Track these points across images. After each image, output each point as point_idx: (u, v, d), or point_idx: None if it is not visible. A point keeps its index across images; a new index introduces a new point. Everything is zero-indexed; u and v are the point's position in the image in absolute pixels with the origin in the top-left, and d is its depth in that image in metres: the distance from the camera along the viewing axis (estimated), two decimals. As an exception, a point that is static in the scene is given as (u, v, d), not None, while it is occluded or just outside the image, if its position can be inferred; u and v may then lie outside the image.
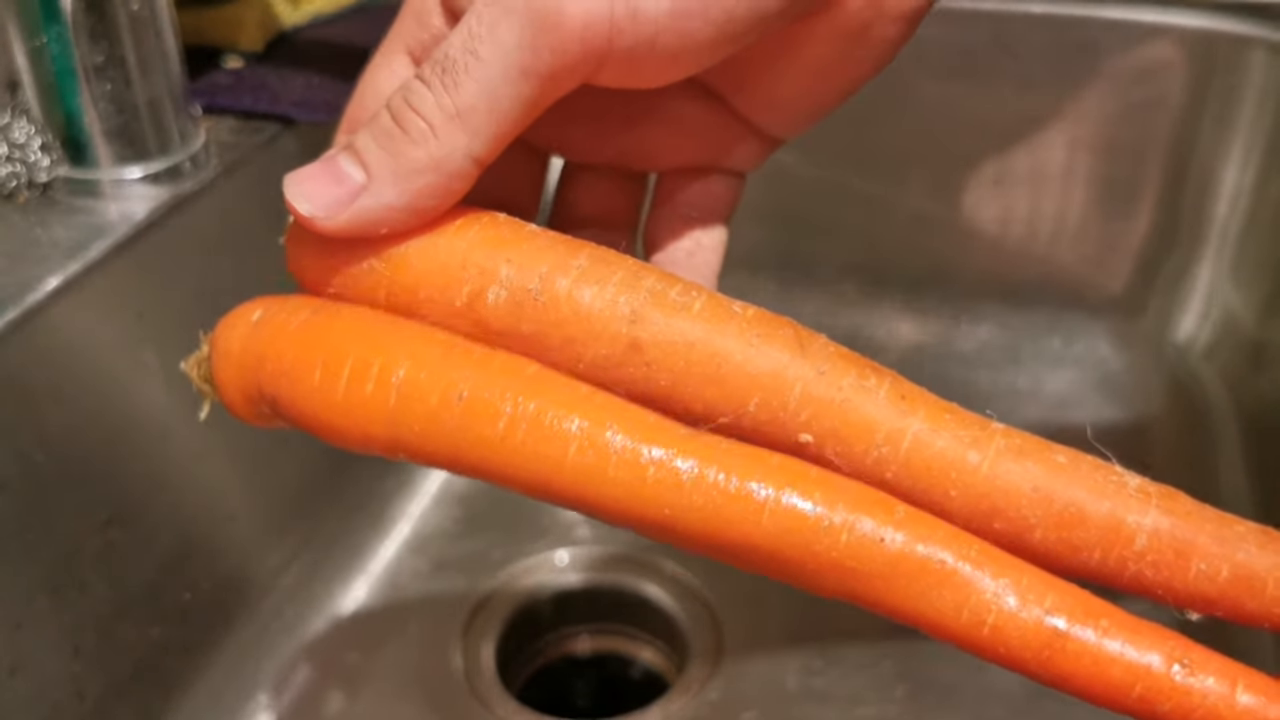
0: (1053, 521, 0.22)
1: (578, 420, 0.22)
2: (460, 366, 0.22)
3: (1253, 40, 0.57)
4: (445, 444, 0.22)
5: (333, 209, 0.23)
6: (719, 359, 0.22)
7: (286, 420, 0.24)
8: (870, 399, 0.22)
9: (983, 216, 0.63)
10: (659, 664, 0.50)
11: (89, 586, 0.37)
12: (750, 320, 0.22)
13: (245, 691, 0.45)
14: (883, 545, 0.21)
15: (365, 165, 0.23)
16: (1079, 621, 0.21)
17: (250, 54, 0.48)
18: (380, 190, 0.23)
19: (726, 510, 0.21)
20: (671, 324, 0.22)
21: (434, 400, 0.22)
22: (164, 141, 0.40)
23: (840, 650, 0.47)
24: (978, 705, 0.44)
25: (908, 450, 0.22)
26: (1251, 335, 0.58)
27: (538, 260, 0.23)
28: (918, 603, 0.21)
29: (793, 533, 0.21)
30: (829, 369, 0.22)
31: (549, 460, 0.22)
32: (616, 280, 0.22)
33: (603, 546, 0.52)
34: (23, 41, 0.38)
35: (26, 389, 0.35)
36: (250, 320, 0.25)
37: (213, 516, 0.43)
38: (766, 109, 0.28)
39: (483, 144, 0.22)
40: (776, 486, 0.21)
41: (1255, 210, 0.59)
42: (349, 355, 0.23)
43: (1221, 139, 0.59)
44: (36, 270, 0.36)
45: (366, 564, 0.51)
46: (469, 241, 0.23)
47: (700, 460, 0.21)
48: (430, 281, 0.23)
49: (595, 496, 0.22)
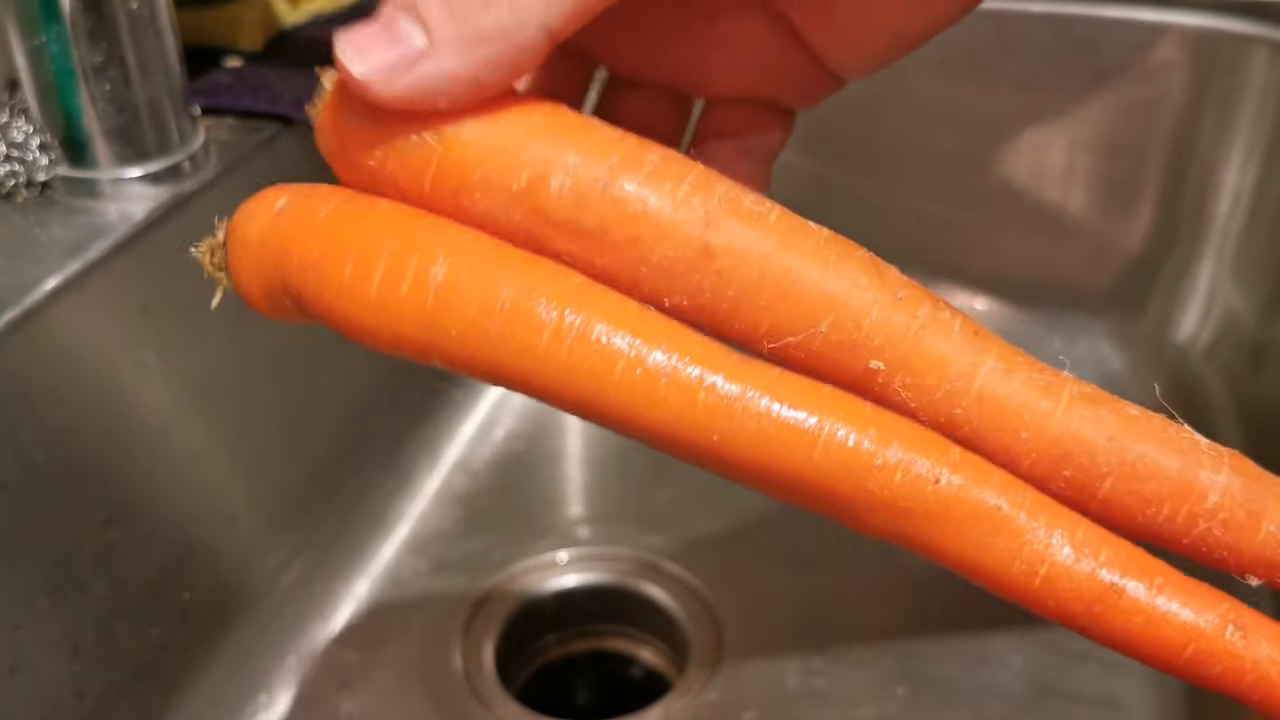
0: (1125, 472, 0.21)
1: (628, 337, 0.20)
2: (504, 269, 0.21)
3: (1254, 39, 0.57)
4: (484, 352, 0.21)
5: (389, 73, 0.21)
6: (793, 274, 0.21)
7: (311, 317, 0.23)
8: (945, 332, 0.21)
9: (983, 216, 0.63)
10: (659, 664, 0.50)
11: (89, 586, 0.37)
12: (826, 239, 0.21)
13: (245, 691, 0.45)
14: (937, 487, 0.20)
15: (428, 28, 0.20)
16: (1133, 577, 0.21)
17: (250, 54, 0.48)
18: (442, 57, 0.20)
19: (777, 440, 0.20)
20: (747, 232, 0.21)
21: (474, 305, 0.20)
22: (163, 141, 0.40)
23: (840, 650, 0.47)
24: (978, 705, 0.44)
25: (980, 388, 0.21)
26: (1252, 335, 0.58)
27: (607, 151, 0.21)
28: (969, 548, 0.21)
29: (844, 468, 0.20)
30: (906, 296, 0.21)
31: (594, 377, 0.20)
32: (690, 181, 0.21)
33: (603, 546, 0.52)
34: (22, 41, 0.38)
35: (26, 389, 0.35)
36: (273, 208, 0.23)
37: (213, 516, 0.43)
38: (839, 42, 0.26)
39: (559, 15, 0.20)
40: (831, 419, 0.20)
41: (1256, 209, 0.59)
42: (384, 250, 0.21)
43: (1222, 138, 0.59)
44: (36, 270, 0.36)
45: (366, 564, 0.51)
46: (533, 125, 0.21)
47: (753, 386, 0.20)
48: (488, 162, 0.21)
49: (641, 418, 0.20)
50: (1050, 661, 0.46)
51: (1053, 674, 0.45)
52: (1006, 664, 0.46)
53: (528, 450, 0.57)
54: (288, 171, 0.45)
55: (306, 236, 0.22)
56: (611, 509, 0.54)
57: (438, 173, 0.21)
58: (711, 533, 0.52)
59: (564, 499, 0.55)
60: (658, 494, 0.54)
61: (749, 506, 0.54)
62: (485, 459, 0.57)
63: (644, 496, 0.54)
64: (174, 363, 0.40)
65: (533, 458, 0.57)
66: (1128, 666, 0.46)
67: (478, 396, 0.60)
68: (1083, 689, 0.45)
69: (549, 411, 0.60)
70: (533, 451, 0.57)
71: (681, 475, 0.55)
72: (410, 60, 0.20)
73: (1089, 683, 0.45)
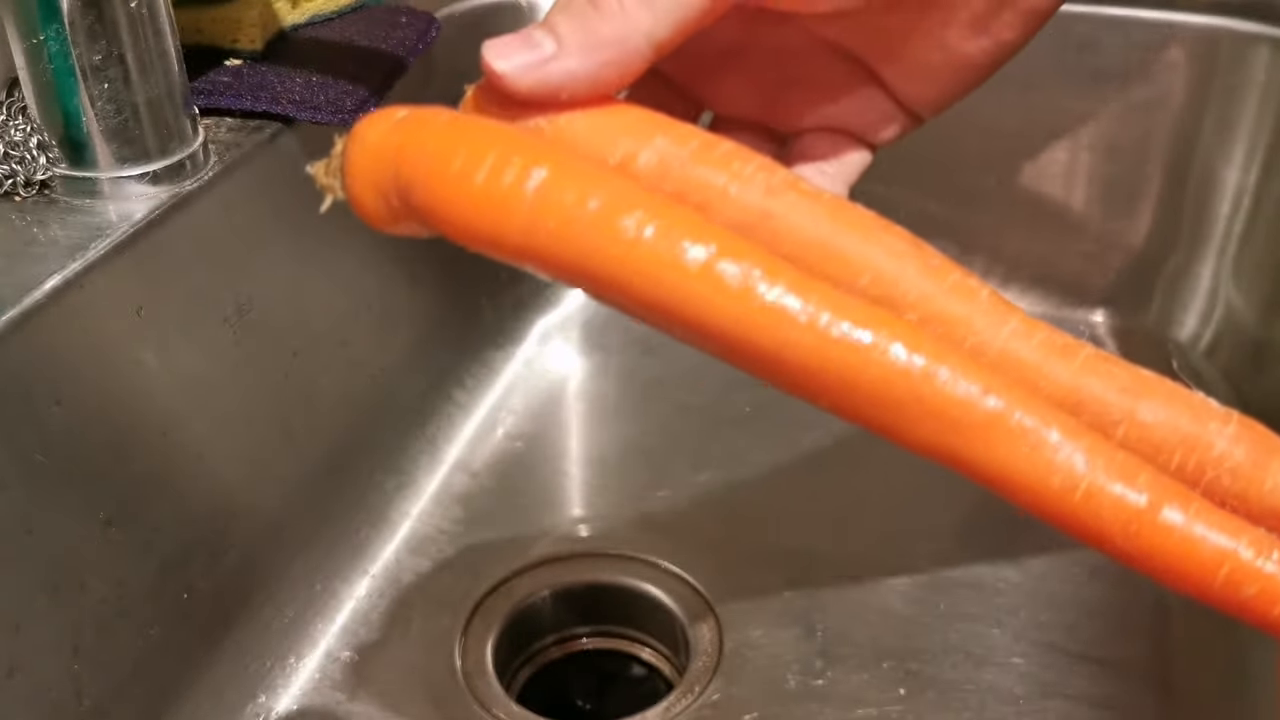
0: (1137, 420, 0.23)
1: (703, 245, 0.22)
2: (600, 178, 0.23)
3: (1256, 39, 0.57)
4: (574, 248, 0.23)
5: (524, 70, 0.25)
6: (840, 237, 0.24)
7: (414, 210, 0.24)
8: (972, 297, 0.24)
9: (984, 216, 0.63)
10: (659, 664, 0.50)
11: (89, 586, 0.37)
12: (871, 217, 0.25)
13: (245, 691, 0.45)
14: (985, 402, 0.22)
15: (557, 36, 0.25)
16: (1171, 501, 0.21)
17: (250, 53, 0.48)
18: (567, 59, 0.25)
19: (837, 348, 0.22)
20: (802, 202, 0.24)
21: (570, 200, 0.23)
22: (163, 141, 0.40)
23: (840, 650, 0.47)
24: (978, 705, 0.44)
25: (1003, 345, 0.24)
26: (1254, 334, 0.58)
27: (689, 138, 0.25)
28: (1012, 461, 0.22)
29: (901, 376, 0.22)
30: (938, 265, 0.24)
31: (671, 280, 0.22)
32: (756, 164, 0.25)
33: (603, 546, 0.52)
34: (20, 39, 0.38)
35: (26, 389, 0.35)
36: (395, 116, 0.25)
37: (213, 516, 0.43)
38: (909, 75, 0.30)
39: (664, 29, 0.25)
40: (887, 335, 0.22)
41: (1258, 209, 0.59)
42: (493, 148, 0.23)
43: (1224, 138, 0.59)
44: (35, 270, 0.36)
45: (367, 564, 0.51)
46: (630, 118, 0.25)
47: (816, 299, 0.22)
48: (588, 141, 0.25)
49: (712, 322, 0.22)
50: (1051, 662, 0.46)
51: (1053, 675, 0.45)
52: (1007, 665, 0.46)
53: (528, 450, 0.57)
54: (288, 171, 0.45)
55: (424, 134, 0.24)
56: (611, 509, 0.54)
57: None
58: (711, 533, 0.52)
59: (564, 499, 0.55)
60: (658, 494, 0.54)
61: (749, 506, 0.54)
62: (485, 459, 0.57)
63: (644, 496, 0.54)
64: (174, 363, 0.40)
65: (533, 458, 0.57)
66: (1128, 667, 0.46)
67: (478, 396, 0.60)
68: (1083, 690, 0.45)
69: (549, 411, 0.60)
70: (533, 451, 0.57)
71: (681, 475, 0.55)
72: (541, 61, 0.25)
73: (1089, 683, 0.45)
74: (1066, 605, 0.48)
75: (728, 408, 0.59)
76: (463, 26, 0.57)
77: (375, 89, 0.47)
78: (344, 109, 0.45)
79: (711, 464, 0.56)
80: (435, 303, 0.58)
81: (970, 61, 0.29)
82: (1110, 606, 0.48)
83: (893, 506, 0.54)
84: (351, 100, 0.45)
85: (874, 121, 0.31)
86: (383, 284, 0.53)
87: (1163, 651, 0.47)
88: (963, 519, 0.54)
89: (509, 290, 0.63)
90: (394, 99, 0.49)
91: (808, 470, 0.55)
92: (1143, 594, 0.49)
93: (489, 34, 0.26)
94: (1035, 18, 0.28)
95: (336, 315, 0.50)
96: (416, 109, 0.25)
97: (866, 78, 0.30)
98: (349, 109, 0.45)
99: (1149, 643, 0.47)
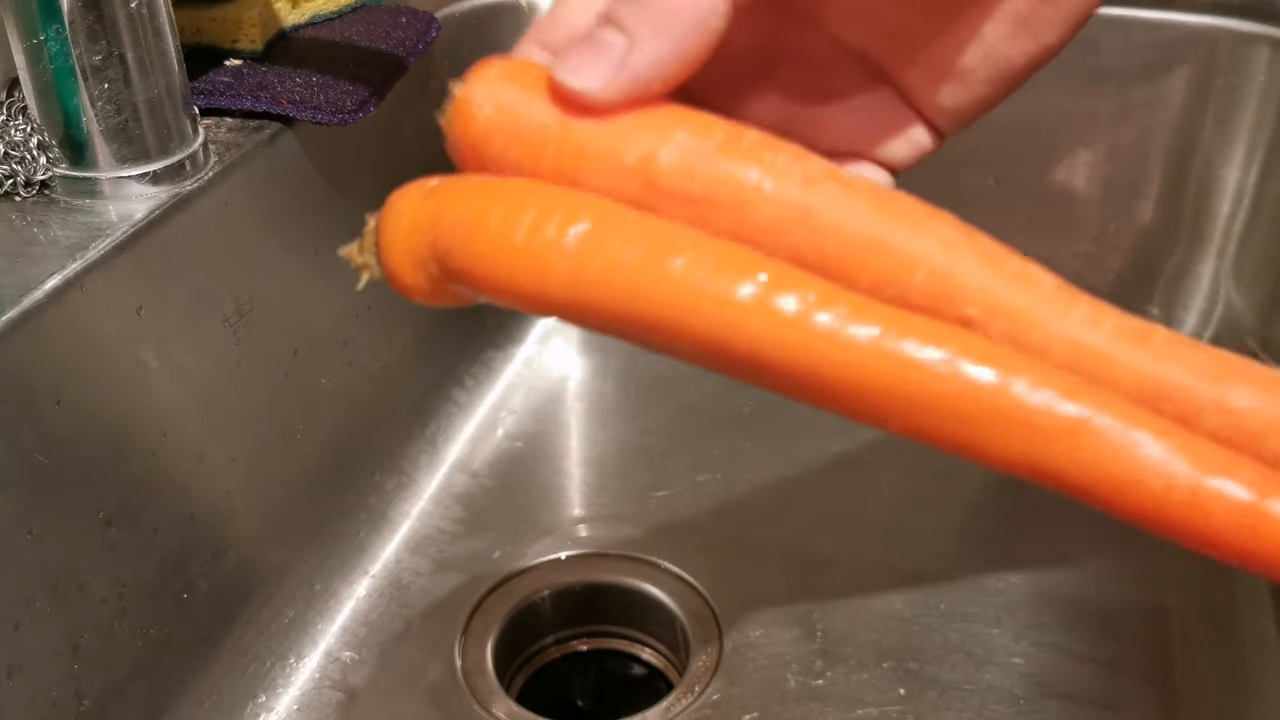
0: (1223, 406, 0.22)
1: (757, 276, 0.21)
2: (642, 226, 0.22)
3: (1256, 38, 0.57)
4: (622, 294, 0.22)
5: (604, 79, 0.23)
6: (889, 230, 0.22)
7: (454, 275, 0.24)
8: (1034, 285, 0.23)
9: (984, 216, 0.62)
10: (659, 664, 0.50)
11: (89, 586, 0.37)
12: (916, 203, 0.23)
13: (245, 691, 0.45)
14: (1066, 407, 0.21)
15: (624, 27, 0.23)
16: (1273, 495, 0.20)
17: (250, 53, 0.48)
18: (645, 46, 0.23)
19: (911, 369, 0.21)
20: (843, 194, 0.23)
21: (613, 247, 0.22)
22: (163, 141, 0.40)
23: (840, 650, 0.47)
24: (978, 706, 0.44)
25: (1073, 335, 0.22)
26: (1254, 334, 0.58)
27: (712, 129, 0.23)
28: (1103, 469, 0.21)
29: (977, 389, 0.21)
30: (995, 252, 0.23)
31: (733, 323, 0.21)
32: (789, 153, 0.23)
33: (603, 546, 0.52)
34: (20, 39, 0.38)
35: (26, 389, 0.35)
36: (426, 186, 0.25)
37: (213, 516, 0.43)
38: (939, 80, 0.28)
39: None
40: (954, 351, 0.21)
41: (1258, 208, 0.59)
42: (531, 205, 0.23)
43: (1224, 137, 0.59)
44: (36, 270, 0.36)
45: (367, 564, 0.51)
46: (644, 116, 0.23)
47: (882, 324, 0.21)
48: (600, 140, 0.23)
49: (770, 355, 0.21)
50: (1051, 662, 0.46)
51: (1053, 675, 0.45)
52: (1007, 665, 0.46)
53: (528, 450, 0.57)
54: (287, 171, 0.45)
55: (457, 200, 0.24)
56: (611, 509, 0.54)
57: (556, 155, 0.24)
58: (711, 533, 0.52)
59: (564, 499, 0.55)
60: (658, 494, 0.54)
61: (749, 506, 0.54)
62: (485, 459, 0.57)
63: (644, 496, 0.54)
64: (174, 363, 0.40)
65: (533, 458, 0.57)
66: (1128, 667, 0.46)
67: (478, 396, 0.60)
68: (1083, 689, 0.45)
69: (549, 411, 0.60)
70: (533, 451, 0.57)
71: (681, 475, 0.55)
72: (619, 61, 0.23)
73: (1089, 683, 0.45)
74: (1066, 605, 0.48)
75: (728, 408, 0.59)
76: (463, 26, 0.57)
77: (375, 89, 0.47)
78: (344, 109, 0.45)
79: (711, 464, 0.56)
80: (435, 303, 0.57)
81: (1009, 66, 0.27)
82: (1110, 606, 0.48)
83: (893, 506, 0.54)
84: (351, 100, 0.45)
85: (895, 139, 0.29)
86: (383, 284, 0.53)
87: (1163, 651, 0.47)
88: (963, 519, 0.54)
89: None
90: (394, 99, 0.49)
91: (808, 470, 0.55)
92: (1143, 594, 0.49)
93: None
94: (1077, 17, 0.26)
95: (336, 315, 0.50)
96: (448, 177, 0.25)
97: (891, 89, 0.29)
98: (349, 109, 0.45)
99: (1149, 643, 0.47)
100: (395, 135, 0.53)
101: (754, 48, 0.28)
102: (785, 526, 0.53)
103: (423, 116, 0.56)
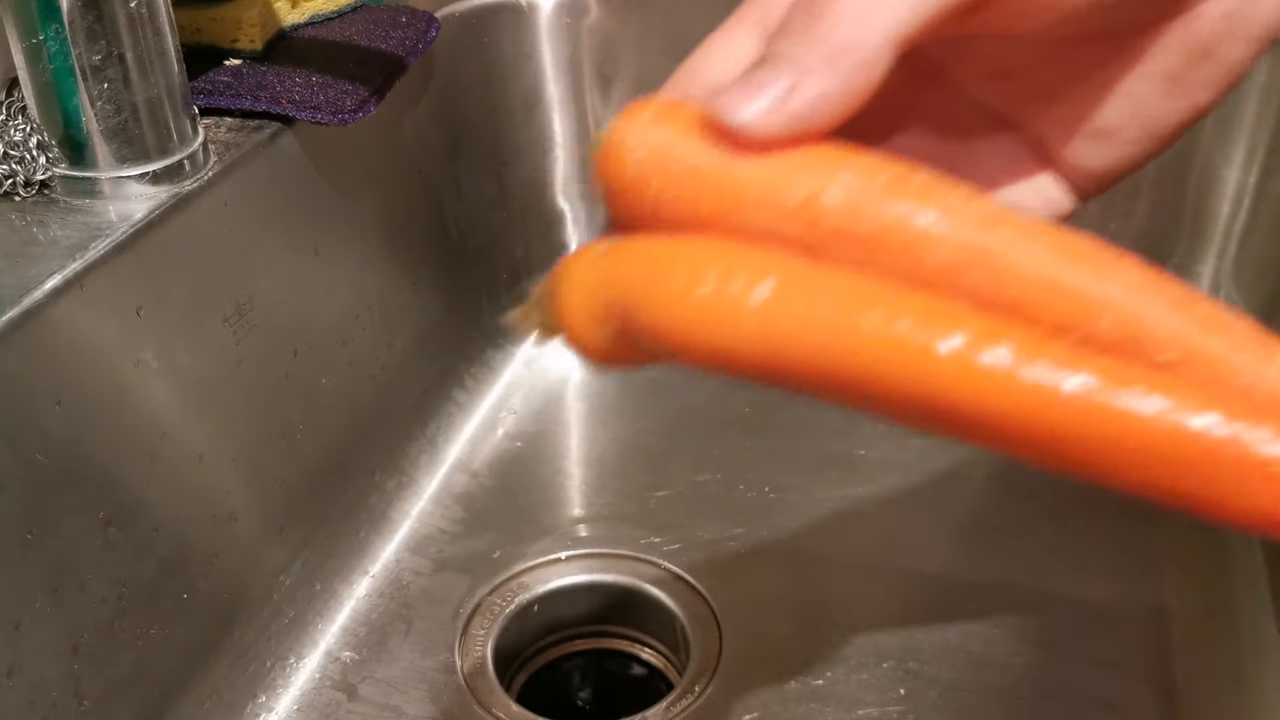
0: None
1: (959, 334, 0.20)
2: (828, 281, 0.22)
3: (1255, 39, 0.57)
4: (813, 347, 0.21)
5: (767, 113, 0.22)
6: (1072, 272, 0.21)
7: (639, 333, 0.23)
8: (1228, 330, 0.21)
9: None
10: (659, 664, 0.50)
11: (89, 586, 0.37)
12: (1097, 244, 0.22)
13: (245, 691, 0.45)
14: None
15: (790, 63, 0.22)
16: None
17: (250, 53, 0.48)
18: (810, 82, 0.22)
19: (1140, 422, 0.20)
20: (1021, 236, 0.22)
21: (803, 302, 0.21)
22: (163, 141, 0.40)
23: (840, 650, 0.47)
24: (978, 706, 0.44)
25: (1272, 386, 0.21)
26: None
27: (878, 170, 0.22)
28: None
29: (1221, 444, 0.20)
30: (1182, 295, 0.22)
31: (933, 375, 0.21)
32: (960, 194, 0.22)
33: (603, 546, 0.52)
34: (20, 39, 0.38)
35: (26, 389, 0.35)
36: (598, 250, 0.24)
37: (213, 516, 0.43)
38: (1078, 146, 0.27)
39: (897, 23, 0.22)
40: (1180, 399, 0.20)
41: (1258, 209, 0.59)
42: (716, 263, 0.22)
43: (1224, 138, 0.59)
44: (35, 270, 0.36)
45: (367, 564, 0.51)
46: (805, 155, 0.23)
47: (1095, 372, 0.20)
48: (761, 180, 0.23)
49: (975, 407, 0.21)
50: (1050, 663, 0.46)
51: (1053, 675, 0.45)
52: (1007, 665, 0.46)
53: (528, 450, 0.57)
54: (287, 171, 0.45)
55: (636, 260, 0.24)
56: (611, 509, 0.54)
57: (715, 196, 0.23)
58: (711, 533, 0.52)
59: (564, 499, 0.55)
60: (658, 494, 0.54)
61: (748, 506, 0.54)
62: (485, 459, 0.57)
63: (644, 496, 0.54)
64: (174, 363, 0.40)
65: (533, 458, 0.57)
66: (1127, 668, 0.46)
67: (478, 396, 0.60)
68: (1082, 690, 0.45)
69: (549, 411, 0.60)
70: (533, 451, 0.57)
71: (681, 475, 0.55)
72: (784, 95, 0.22)
73: (1089, 684, 0.45)
74: (1066, 605, 0.48)
75: (728, 408, 0.59)
76: (463, 26, 0.57)
77: (375, 89, 0.47)
78: (344, 109, 0.45)
79: (711, 464, 0.56)
80: (435, 303, 0.58)
81: (1157, 125, 0.26)
82: (1110, 607, 0.48)
83: (893, 507, 0.54)
84: (351, 100, 0.45)
85: (1032, 201, 0.28)
86: (383, 284, 0.53)
87: (1163, 652, 0.47)
88: (963, 520, 0.54)
89: (509, 290, 0.63)
90: (394, 99, 0.49)
91: (808, 470, 0.55)
92: (1143, 595, 0.49)
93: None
94: (1233, 76, 0.25)
95: (336, 315, 0.50)
96: (618, 241, 0.24)
97: (1029, 150, 0.28)
98: (349, 109, 0.45)
99: (1149, 643, 0.47)
100: (395, 135, 0.53)
101: (896, 106, 0.27)
102: (785, 526, 0.53)
103: (422, 116, 0.56)
